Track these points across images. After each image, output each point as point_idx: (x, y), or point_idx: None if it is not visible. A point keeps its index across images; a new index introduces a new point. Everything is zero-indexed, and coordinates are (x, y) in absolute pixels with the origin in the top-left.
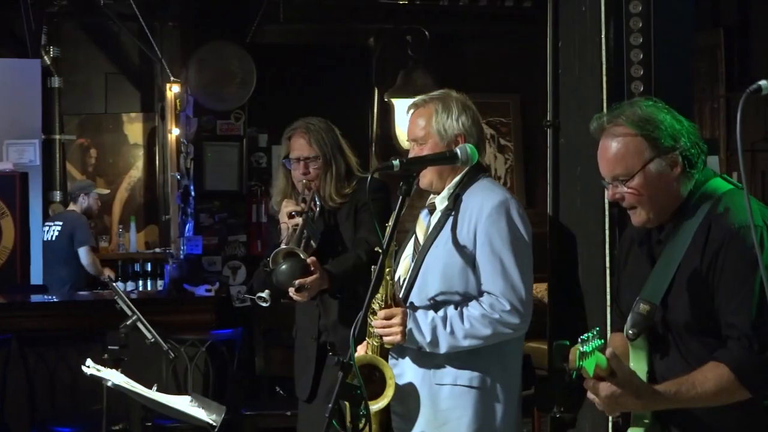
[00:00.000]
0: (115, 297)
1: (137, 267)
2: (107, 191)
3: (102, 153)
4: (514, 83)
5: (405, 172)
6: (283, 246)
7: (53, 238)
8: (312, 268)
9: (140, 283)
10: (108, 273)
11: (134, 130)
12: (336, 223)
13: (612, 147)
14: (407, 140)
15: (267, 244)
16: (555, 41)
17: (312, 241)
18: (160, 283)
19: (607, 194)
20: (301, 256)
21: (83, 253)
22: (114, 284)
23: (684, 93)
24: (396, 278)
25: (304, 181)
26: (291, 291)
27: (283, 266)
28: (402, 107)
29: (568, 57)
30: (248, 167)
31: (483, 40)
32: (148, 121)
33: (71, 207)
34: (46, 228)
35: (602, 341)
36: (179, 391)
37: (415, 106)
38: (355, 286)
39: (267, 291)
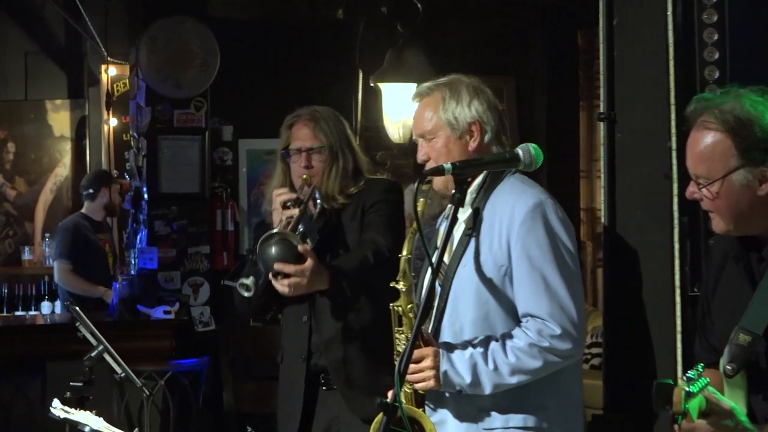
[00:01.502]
0: (77, 323)
1: None
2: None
3: (21, 147)
4: (508, 65)
5: (457, 177)
6: (274, 230)
7: None
8: (303, 257)
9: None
10: (103, 290)
11: (60, 119)
12: (338, 224)
13: (699, 142)
14: (414, 136)
15: (235, 257)
16: (609, 18)
17: (309, 240)
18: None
19: (687, 190)
20: (294, 242)
21: (55, 268)
22: (75, 307)
23: None
24: (422, 297)
25: (304, 176)
26: (270, 276)
27: (272, 248)
28: (391, 93)
29: (625, 37)
30: (211, 165)
31: (474, 18)
32: (77, 110)
33: (85, 208)
34: None
35: (708, 379)
36: None
37: (419, 96)
38: (357, 293)
39: (251, 278)
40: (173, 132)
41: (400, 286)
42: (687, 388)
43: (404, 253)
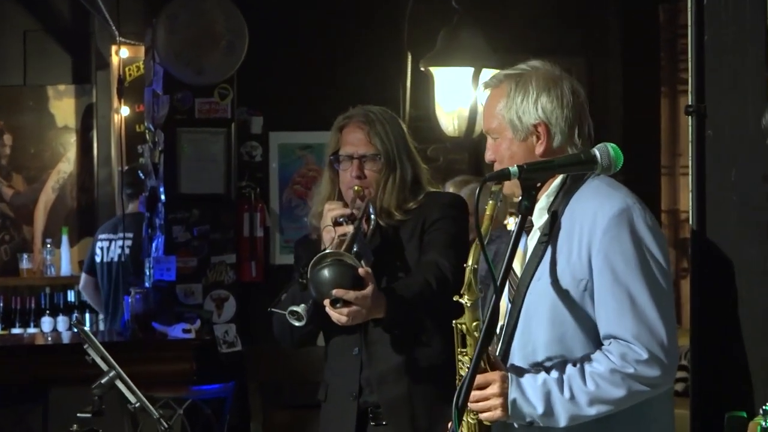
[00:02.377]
0: (85, 344)
1: (71, 297)
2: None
3: (19, 140)
4: (577, 44)
5: (525, 182)
6: (328, 250)
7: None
8: (364, 281)
9: (77, 319)
10: None
11: (64, 108)
12: (395, 243)
13: None
14: (483, 131)
15: (265, 268)
16: None
17: (362, 262)
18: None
19: None
20: (352, 264)
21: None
22: (83, 327)
23: None
24: (486, 315)
25: (356, 187)
26: (326, 303)
27: (326, 270)
28: (444, 78)
29: (717, 16)
30: (238, 162)
31: None
32: (83, 97)
33: (132, 206)
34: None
35: None
36: None
37: (487, 86)
38: (418, 323)
39: (303, 305)
40: (194, 124)
41: (465, 300)
42: (764, 423)
43: (470, 262)
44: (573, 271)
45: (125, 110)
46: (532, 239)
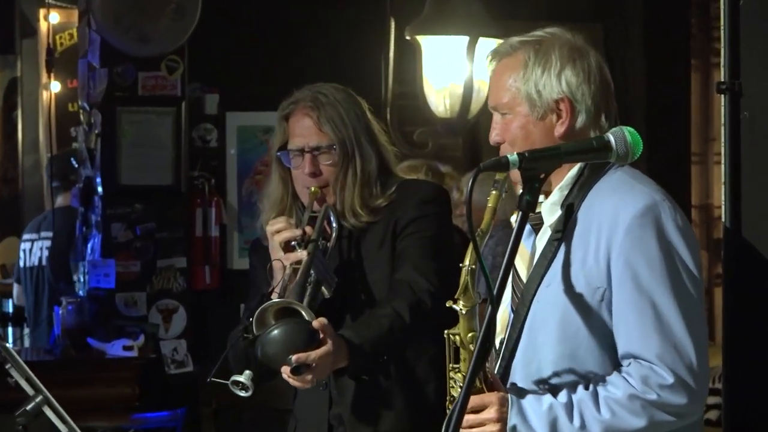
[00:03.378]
0: (7, 365)
1: None
2: None
3: None
4: (593, 9)
5: (526, 173)
6: (274, 299)
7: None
8: (321, 336)
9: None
10: None
11: None
12: (364, 253)
13: None
14: (489, 107)
15: (221, 273)
16: None
17: (324, 288)
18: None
19: None
20: (305, 315)
21: None
22: (5, 344)
23: None
24: (481, 331)
25: (312, 188)
26: (286, 371)
27: (275, 332)
28: (434, 49)
29: None
30: (189, 148)
31: None
32: (5, 69)
33: (62, 199)
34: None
35: None
36: None
37: (497, 55)
38: (388, 359)
39: (248, 372)
40: (138, 102)
41: (459, 306)
42: None
43: (466, 262)
44: (588, 277)
45: (55, 86)
46: (542, 239)
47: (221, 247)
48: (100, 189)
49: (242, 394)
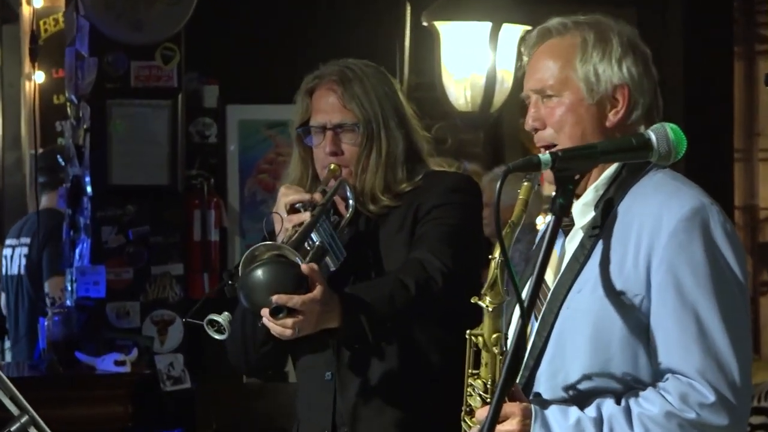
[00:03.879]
0: None
1: None
2: None
3: None
4: None
5: (559, 173)
6: (266, 242)
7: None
8: (310, 282)
9: None
10: None
11: None
12: (380, 236)
13: None
14: (525, 91)
15: (221, 281)
16: None
17: (329, 259)
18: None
19: None
20: (293, 260)
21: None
22: None
23: None
24: (510, 347)
25: (332, 165)
26: (265, 313)
27: (258, 271)
28: (453, 37)
29: None
30: (186, 144)
31: None
32: None
33: (47, 200)
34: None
35: None
36: None
37: (545, 34)
38: (390, 336)
39: (226, 313)
40: (130, 95)
41: (486, 303)
42: None
43: (496, 254)
44: (626, 283)
45: (39, 76)
46: (572, 241)
47: (221, 253)
48: (89, 189)
49: (217, 336)
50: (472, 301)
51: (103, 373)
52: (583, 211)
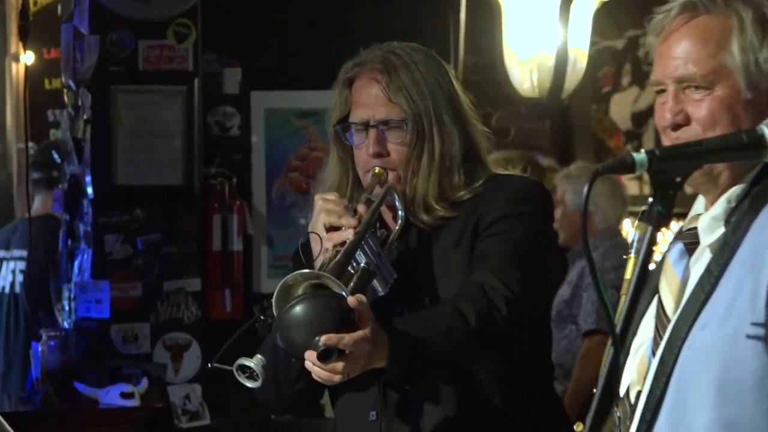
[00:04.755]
0: None
1: None
2: None
3: None
4: None
5: (657, 176)
6: (302, 271)
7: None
8: (358, 316)
9: None
10: None
11: None
12: (434, 253)
13: None
14: (658, 80)
15: (245, 299)
16: None
17: (377, 283)
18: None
19: None
20: (337, 290)
21: None
22: None
23: None
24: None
25: (377, 169)
26: (311, 357)
27: (298, 307)
28: (516, 8)
29: None
30: (205, 138)
31: None
32: None
33: (40, 204)
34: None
35: None
36: None
37: (684, 9)
38: (447, 371)
39: (259, 356)
40: (138, 80)
41: None
42: None
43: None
44: (760, 318)
45: (29, 57)
46: (697, 263)
47: (245, 266)
48: (90, 191)
49: (249, 384)
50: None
51: (108, 408)
52: (711, 226)
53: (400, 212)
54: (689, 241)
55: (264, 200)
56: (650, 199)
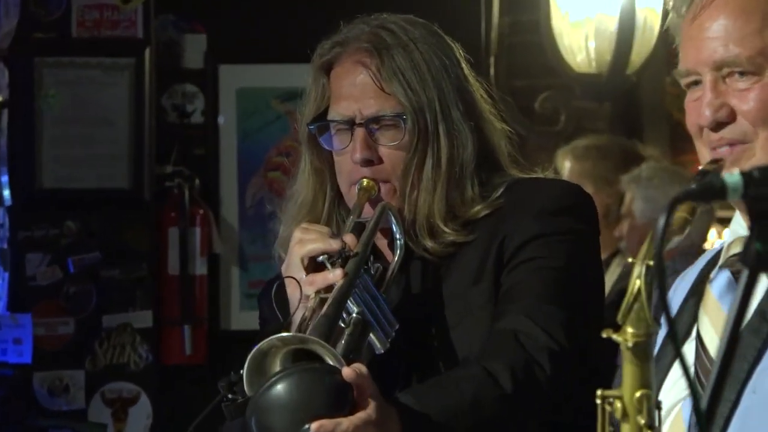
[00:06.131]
0: None
1: None
2: None
3: None
4: None
5: (756, 205)
6: (283, 334)
7: None
8: (358, 393)
9: None
10: None
11: None
12: (441, 293)
13: None
14: (690, 69)
15: (211, 338)
16: None
17: (374, 337)
18: None
19: None
20: (329, 361)
21: None
22: None
23: None
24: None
25: (365, 181)
26: None
27: (279, 386)
28: None
29: None
30: (158, 126)
31: None
32: None
33: None
34: None
35: None
36: None
37: None
38: None
39: None
40: (71, 50)
41: (625, 337)
42: None
43: (638, 268)
44: None
45: None
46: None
47: (211, 295)
48: (6, 195)
49: None
50: (603, 335)
51: None
52: None
53: (398, 238)
54: (739, 269)
55: (236, 209)
56: (748, 231)
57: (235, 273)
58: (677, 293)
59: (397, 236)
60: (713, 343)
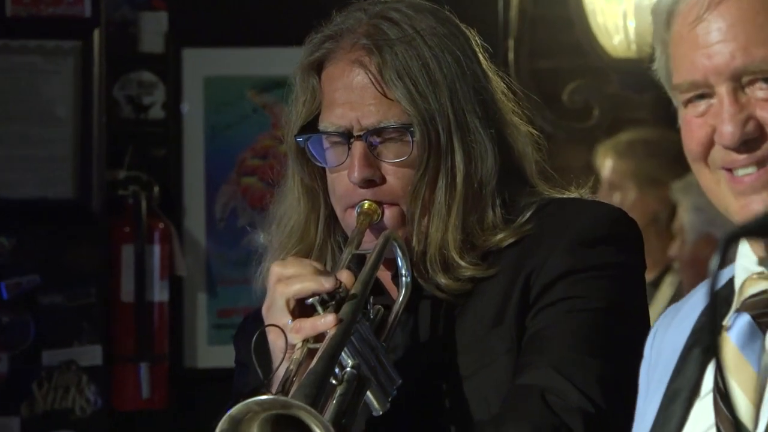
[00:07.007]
0: None
1: None
2: None
3: None
4: None
5: None
6: (262, 397)
7: None
8: None
9: None
10: None
11: None
12: (454, 339)
13: None
14: (697, 80)
15: (173, 379)
16: None
17: (371, 396)
18: None
19: None
20: (315, 429)
21: None
22: None
23: None
24: None
25: (366, 203)
26: None
27: None
28: None
29: None
30: (110, 123)
31: None
32: None
33: None
34: None
35: None
36: None
37: None
38: None
39: None
40: (5, 32)
41: None
42: None
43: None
44: None
45: None
46: None
47: (173, 325)
48: None
49: None
50: None
51: None
52: None
53: (404, 275)
54: (762, 312)
55: (203, 221)
56: (760, 269)
57: (201, 299)
58: (669, 332)
59: (403, 272)
60: (744, 402)
